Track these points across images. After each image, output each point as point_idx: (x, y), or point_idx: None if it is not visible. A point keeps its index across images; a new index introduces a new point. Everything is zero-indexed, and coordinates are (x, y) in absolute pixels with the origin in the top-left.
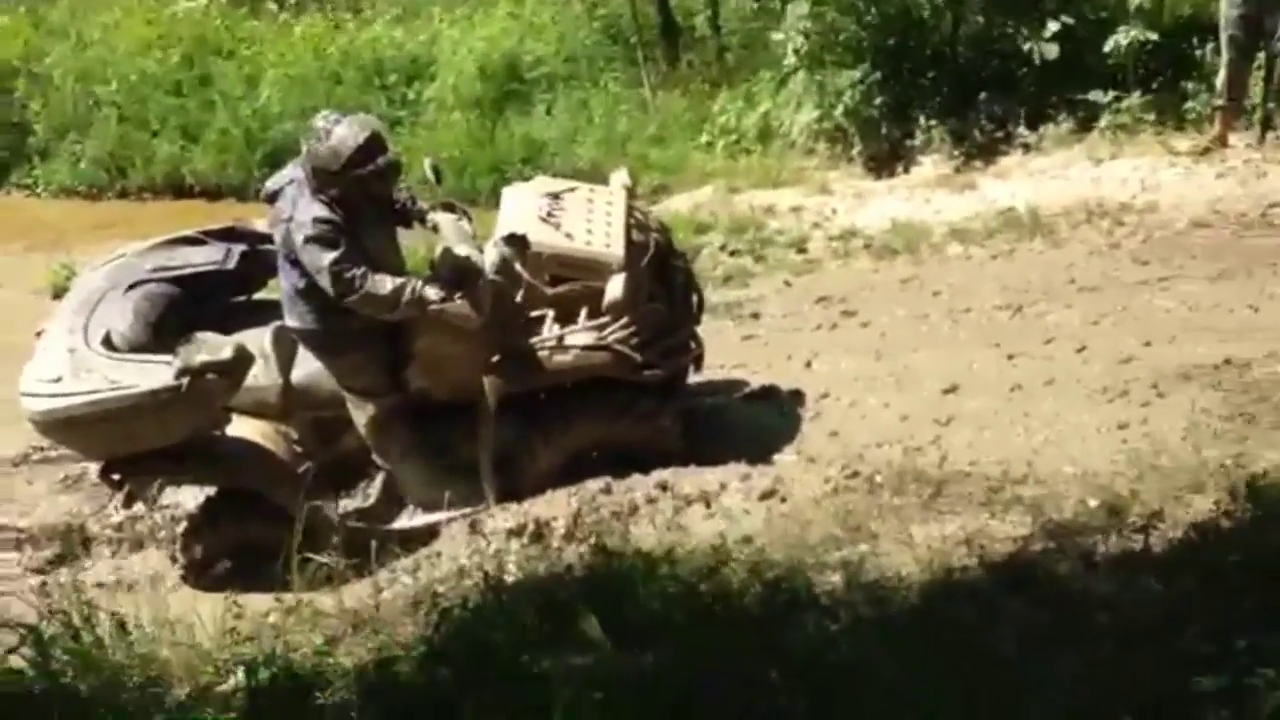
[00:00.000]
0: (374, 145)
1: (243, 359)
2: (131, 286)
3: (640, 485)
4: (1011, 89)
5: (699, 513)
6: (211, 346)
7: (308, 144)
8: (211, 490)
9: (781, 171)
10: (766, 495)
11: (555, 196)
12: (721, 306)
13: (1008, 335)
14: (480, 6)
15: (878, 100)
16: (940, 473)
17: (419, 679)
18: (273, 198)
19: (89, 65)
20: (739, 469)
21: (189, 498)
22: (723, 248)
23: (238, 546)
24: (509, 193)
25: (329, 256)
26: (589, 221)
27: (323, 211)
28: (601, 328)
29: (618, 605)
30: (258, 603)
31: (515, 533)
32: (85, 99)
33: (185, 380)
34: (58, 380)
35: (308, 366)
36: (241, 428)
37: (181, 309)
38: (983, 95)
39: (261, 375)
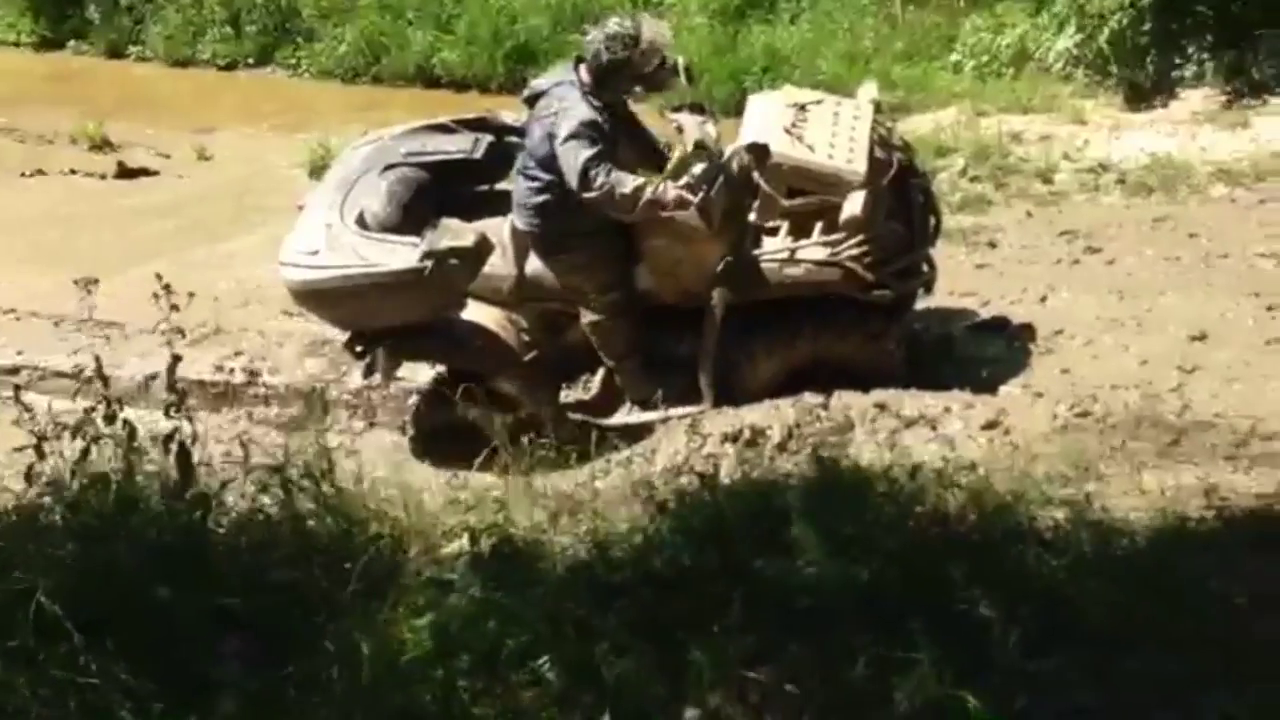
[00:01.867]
0: (660, 44)
1: (483, 247)
2: (387, 168)
3: (858, 403)
4: None
5: (919, 435)
6: (455, 233)
7: (598, 44)
8: (443, 369)
9: (1033, 97)
10: (989, 425)
11: (801, 108)
12: (957, 233)
13: (1269, 285)
14: None
15: (1146, 26)
16: (1180, 421)
17: (632, 565)
18: (535, 99)
19: None
20: (962, 396)
21: (422, 374)
22: (963, 173)
23: (463, 426)
24: (754, 100)
25: (586, 153)
26: (833, 135)
27: (591, 114)
28: (835, 244)
29: (832, 518)
30: (480, 479)
31: (731, 437)
32: None
33: (429, 264)
34: (314, 253)
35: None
36: (476, 313)
37: (430, 193)
38: (1262, 30)
39: (498, 263)
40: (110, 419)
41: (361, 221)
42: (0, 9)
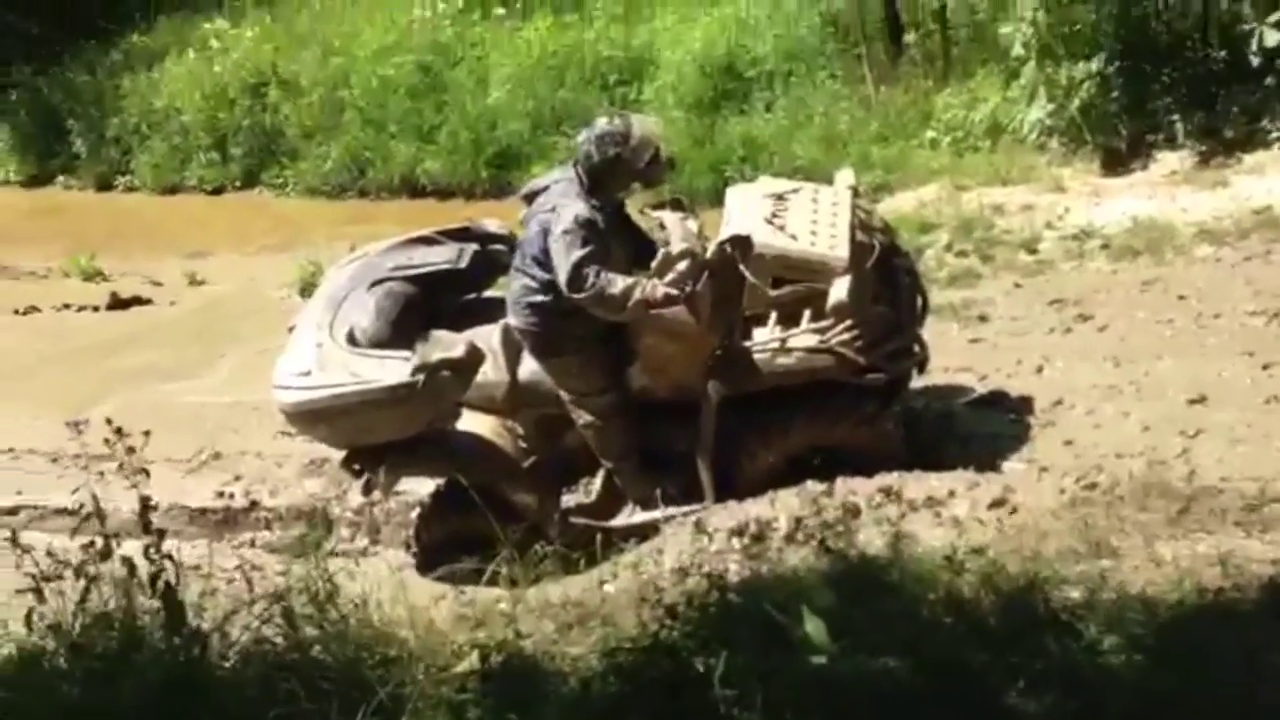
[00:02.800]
0: (654, 141)
1: (474, 357)
2: (374, 284)
3: (863, 488)
4: (1265, 77)
5: (925, 519)
6: (446, 344)
7: (590, 145)
8: (442, 481)
9: (1011, 169)
10: (996, 504)
11: (780, 197)
12: (947, 308)
13: (1263, 343)
14: (699, 4)
15: (1115, 93)
16: (1189, 487)
17: (645, 671)
18: (532, 196)
19: (333, 71)
20: (966, 476)
21: (422, 488)
22: (948, 247)
23: (465, 537)
24: (734, 193)
25: (578, 253)
26: (813, 223)
27: (587, 213)
28: (824, 330)
29: (843, 610)
30: (487, 593)
31: (736, 532)
32: (331, 103)
33: (421, 376)
34: (306, 374)
35: (534, 364)
36: (471, 423)
37: (418, 306)
38: (1231, 87)
39: (490, 371)
40: (105, 555)
41: (352, 339)
42: None
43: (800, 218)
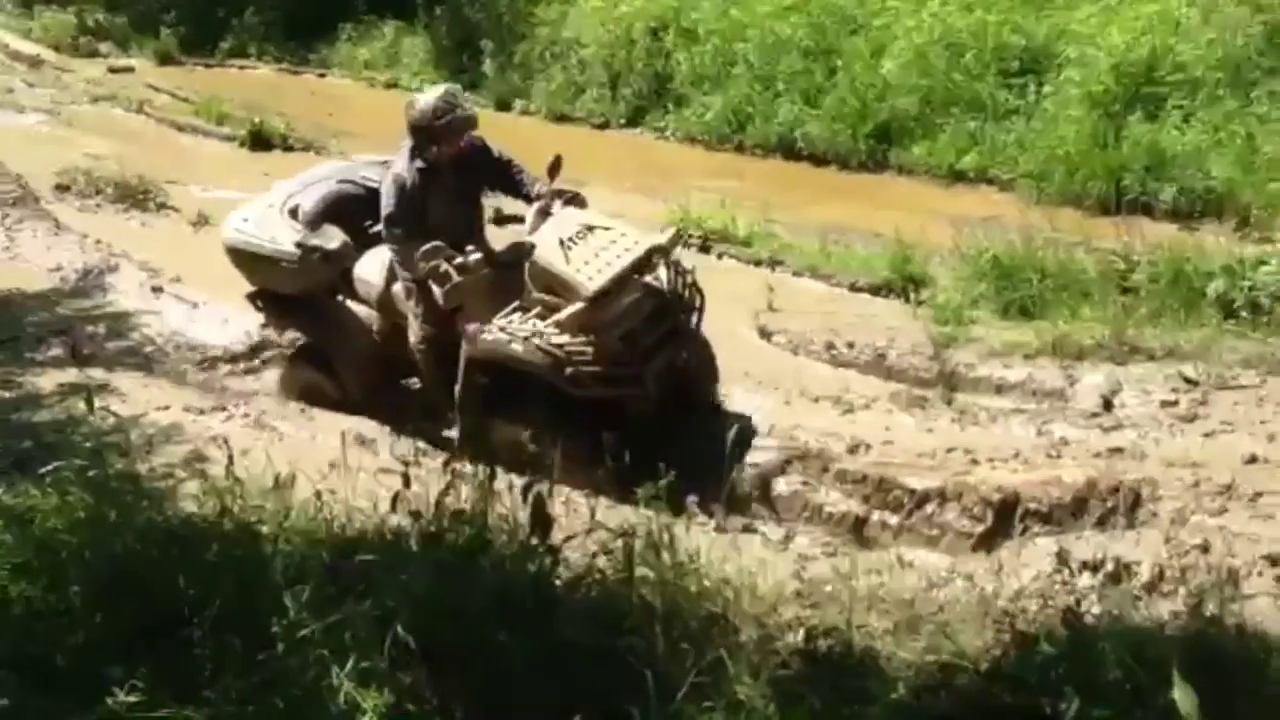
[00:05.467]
0: (448, 104)
1: (343, 251)
2: (339, 182)
3: (1245, 551)
4: None
5: None
6: (326, 236)
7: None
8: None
9: None
10: None
11: (590, 228)
12: None
13: None
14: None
15: None
16: None
17: (985, 698)
18: None
19: (731, 24)
20: None
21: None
22: None
23: (309, 387)
24: (570, 211)
25: (386, 210)
26: (595, 256)
27: (402, 172)
28: (543, 333)
29: (1221, 689)
30: (819, 567)
31: (1092, 566)
32: (723, 55)
33: (299, 252)
34: (245, 222)
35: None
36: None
37: (356, 212)
38: None
39: (376, 275)
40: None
41: (293, 213)
42: (406, 57)
43: (587, 248)
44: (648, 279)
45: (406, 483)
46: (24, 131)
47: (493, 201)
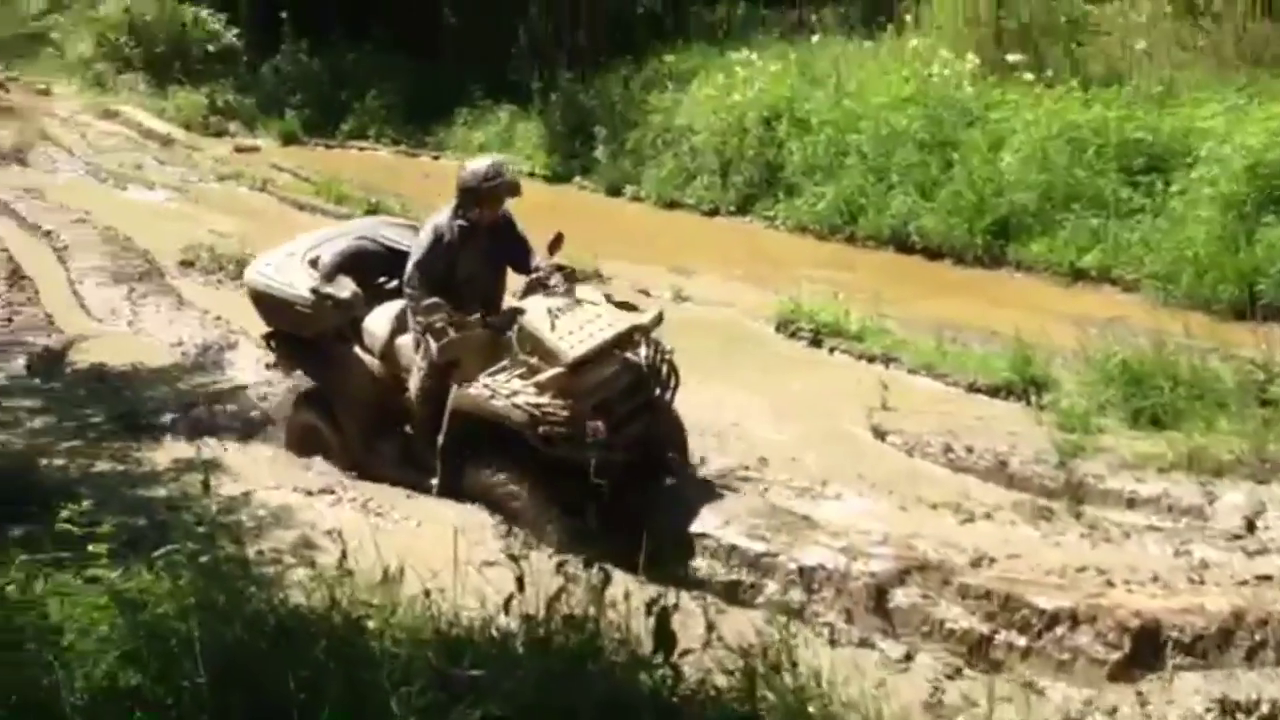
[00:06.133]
0: (496, 170)
1: (353, 301)
2: (359, 238)
3: None
4: None
5: None
6: (339, 286)
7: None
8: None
9: None
10: None
11: (579, 302)
12: None
13: None
14: (1257, 97)
15: None
16: None
17: None
18: None
19: (844, 114)
20: None
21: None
22: None
23: (307, 429)
24: (557, 285)
25: (416, 257)
26: (579, 328)
27: (443, 224)
28: (537, 390)
29: None
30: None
31: (1245, 709)
32: (836, 145)
33: (313, 299)
34: (268, 266)
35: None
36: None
37: (372, 267)
38: None
39: (381, 328)
40: (589, 563)
41: (313, 263)
42: (520, 141)
43: (571, 320)
44: (628, 355)
45: (520, 585)
46: (153, 208)
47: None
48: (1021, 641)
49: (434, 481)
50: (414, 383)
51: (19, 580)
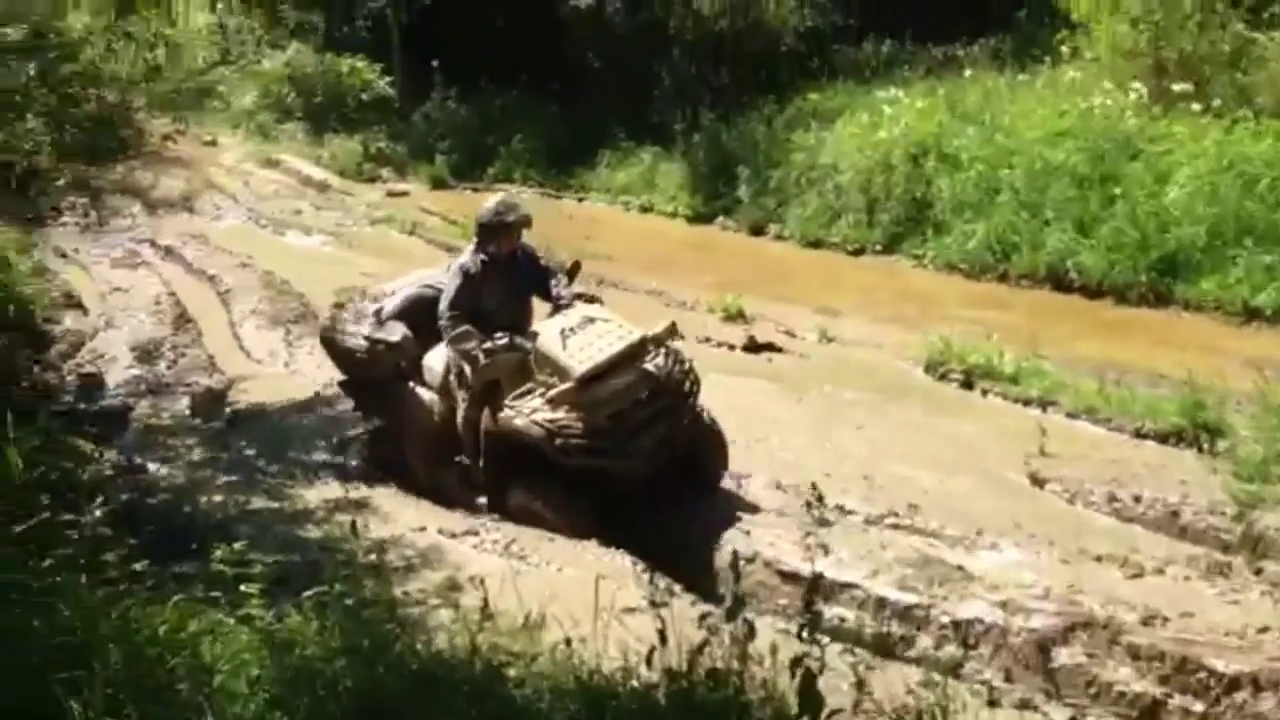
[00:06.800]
0: (507, 206)
1: (402, 345)
2: (424, 287)
3: None
4: None
5: None
6: (390, 330)
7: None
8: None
9: None
10: None
11: (590, 320)
12: None
13: None
14: None
15: None
16: None
17: None
18: None
19: (996, 150)
20: None
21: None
22: None
23: (384, 461)
24: (580, 306)
25: (449, 295)
26: (590, 345)
27: (467, 261)
28: (552, 406)
29: None
30: None
31: None
32: (987, 181)
33: (368, 344)
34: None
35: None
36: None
37: (432, 312)
38: None
39: (439, 364)
40: (731, 615)
41: (378, 314)
42: (662, 182)
43: (584, 338)
44: (646, 366)
45: (663, 639)
46: (309, 252)
47: None
48: (1198, 707)
49: (481, 500)
50: (460, 413)
51: (172, 619)
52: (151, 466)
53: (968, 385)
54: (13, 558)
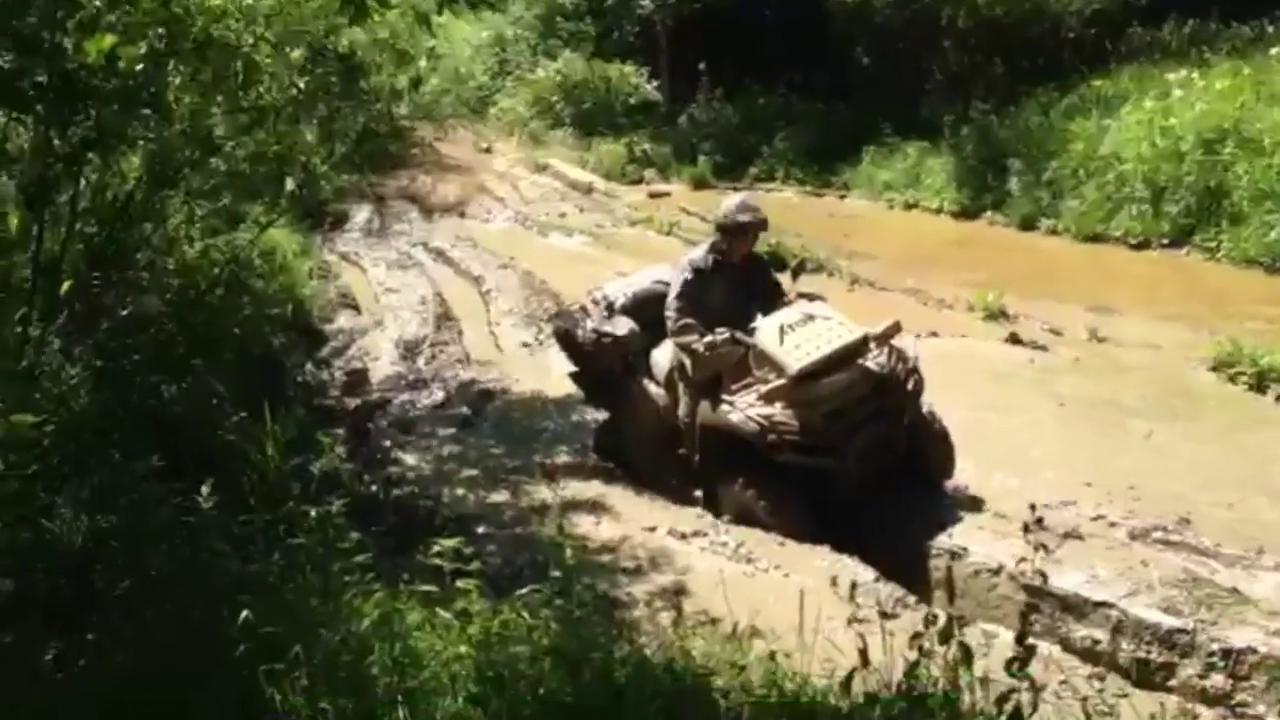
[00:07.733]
0: (748, 207)
1: (627, 338)
2: (654, 282)
3: None
4: None
5: None
6: (616, 324)
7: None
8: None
9: None
10: None
11: (810, 318)
12: None
13: None
14: None
15: None
16: None
17: None
18: None
19: None
20: None
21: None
22: None
23: (610, 451)
24: (800, 302)
25: (676, 289)
26: (808, 341)
27: (698, 257)
28: (767, 401)
29: None
30: None
31: None
32: None
33: (593, 337)
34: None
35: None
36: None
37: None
38: None
39: (666, 358)
40: (946, 637)
41: (610, 308)
42: (928, 177)
43: (802, 334)
44: (867, 364)
45: (865, 660)
46: (568, 252)
47: None
48: None
49: (697, 493)
50: (682, 406)
51: (384, 610)
52: (404, 458)
53: (1259, 388)
54: (256, 550)
